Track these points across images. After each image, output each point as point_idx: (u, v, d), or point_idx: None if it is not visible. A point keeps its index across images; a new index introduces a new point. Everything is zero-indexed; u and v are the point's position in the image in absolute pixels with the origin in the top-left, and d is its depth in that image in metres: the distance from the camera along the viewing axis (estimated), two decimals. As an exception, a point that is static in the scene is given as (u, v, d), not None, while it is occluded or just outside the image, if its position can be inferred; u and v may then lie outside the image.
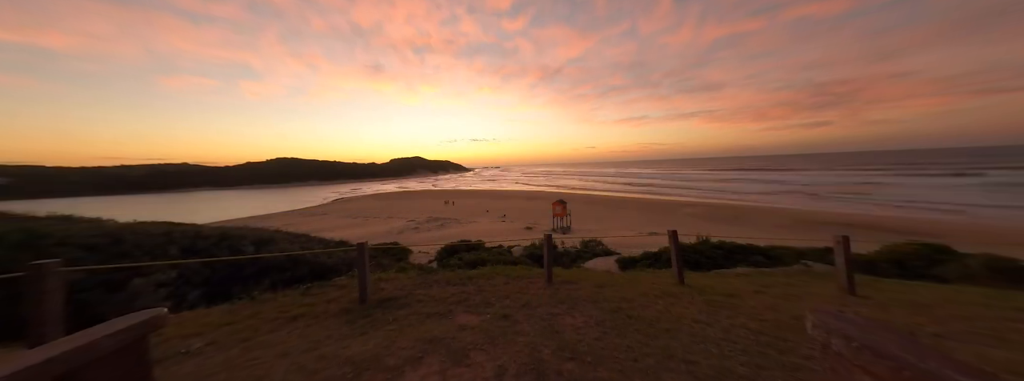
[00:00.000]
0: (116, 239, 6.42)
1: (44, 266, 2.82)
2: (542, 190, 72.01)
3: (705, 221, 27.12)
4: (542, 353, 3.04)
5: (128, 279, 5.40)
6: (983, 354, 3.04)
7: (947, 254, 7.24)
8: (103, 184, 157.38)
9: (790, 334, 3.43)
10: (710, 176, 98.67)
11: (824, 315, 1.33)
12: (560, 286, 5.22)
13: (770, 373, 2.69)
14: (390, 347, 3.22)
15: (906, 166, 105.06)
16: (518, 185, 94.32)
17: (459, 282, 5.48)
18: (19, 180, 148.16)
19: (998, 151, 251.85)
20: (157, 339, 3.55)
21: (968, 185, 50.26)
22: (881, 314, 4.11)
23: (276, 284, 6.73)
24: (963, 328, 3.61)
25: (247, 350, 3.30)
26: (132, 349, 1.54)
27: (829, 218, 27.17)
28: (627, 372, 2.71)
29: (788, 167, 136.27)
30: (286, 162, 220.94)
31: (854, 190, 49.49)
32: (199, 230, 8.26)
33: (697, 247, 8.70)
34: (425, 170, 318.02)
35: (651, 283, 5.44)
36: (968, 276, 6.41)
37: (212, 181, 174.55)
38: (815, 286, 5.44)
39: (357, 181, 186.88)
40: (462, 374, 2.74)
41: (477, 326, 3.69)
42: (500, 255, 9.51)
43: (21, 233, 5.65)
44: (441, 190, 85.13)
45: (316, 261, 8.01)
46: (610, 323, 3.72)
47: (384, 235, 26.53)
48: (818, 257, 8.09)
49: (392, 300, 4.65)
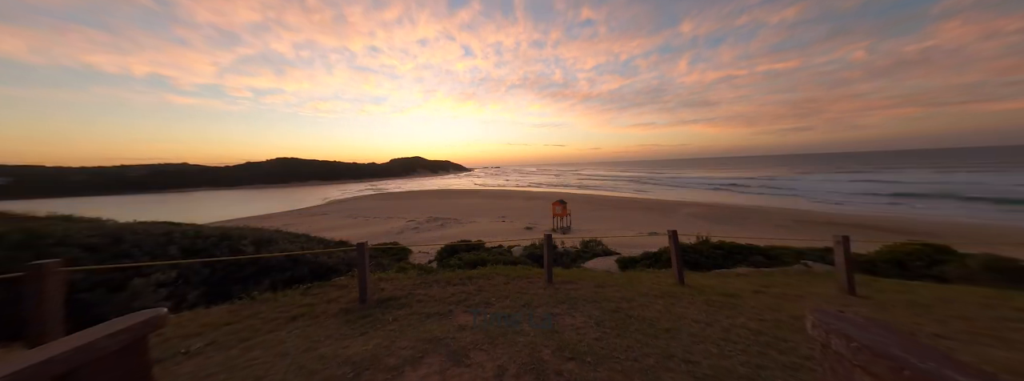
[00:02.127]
0: (116, 239, 6.42)
1: (44, 266, 2.82)
2: (542, 190, 71.97)
3: (705, 221, 27.11)
4: (542, 353, 3.04)
5: (128, 279, 5.40)
6: (983, 354, 3.04)
7: (947, 254, 7.24)
8: (103, 184, 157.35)
9: (790, 334, 3.43)
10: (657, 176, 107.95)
11: (824, 315, 1.33)
12: (560, 286, 5.22)
13: (770, 373, 2.69)
14: (390, 347, 3.22)
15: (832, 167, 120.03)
16: (517, 185, 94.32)
17: (459, 282, 5.47)
18: (19, 180, 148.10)
19: (945, 154, 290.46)
20: (157, 339, 3.55)
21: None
22: (881, 314, 4.11)
23: (276, 284, 6.72)
24: (963, 328, 3.62)
25: (247, 350, 3.30)
26: (132, 349, 1.54)
27: (829, 218, 27.16)
28: (627, 372, 2.71)
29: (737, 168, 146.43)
30: (286, 162, 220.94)
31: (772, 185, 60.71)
32: (199, 230, 8.25)
33: (697, 247, 8.70)
34: (425, 170, 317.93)
35: (651, 283, 5.44)
36: (968, 276, 6.41)
37: (212, 181, 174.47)
38: (815, 286, 5.44)
39: (357, 181, 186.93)
40: (462, 374, 2.74)
41: (477, 326, 3.69)
42: (500, 255, 9.50)
43: (21, 233, 5.64)
44: (441, 190, 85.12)
45: (316, 261, 8.00)
46: (610, 323, 3.72)
47: (384, 235, 26.52)
48: (818, 257, 8.09)
49: (392, 300, 4.65)
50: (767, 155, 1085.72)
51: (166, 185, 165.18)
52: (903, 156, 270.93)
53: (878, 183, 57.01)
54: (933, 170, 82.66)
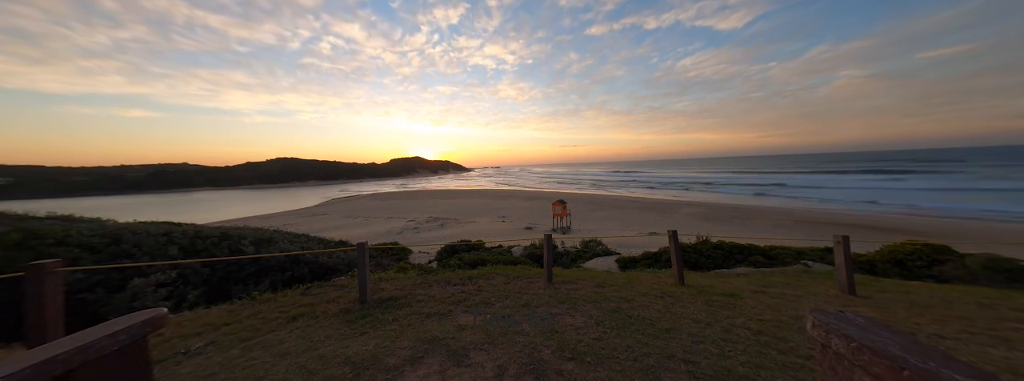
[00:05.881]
0: (116, 239, 6.42)
1: (44, 266, 2.82)
2: (542, 190, 71.97)
3: (705, 221, 27.10)
4: (542, 353, 3.04)
5: (128, 279, 5.40)
6: (983, 354, 3.04)
7: (947, 254, 7.24)
8: (103, 184, 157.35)
9: (790, 334, 3.44)
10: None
11: (824, 315, 1.33)
12: (560, 286, 5.22)
13: (770, 373, 2.69)
14: (390, 347, 3.22)
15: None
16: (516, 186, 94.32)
17: (459, 282, 5.47)
18: (19, 180, 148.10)
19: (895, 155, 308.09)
20: (157, 339, 3.55)
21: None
22: (881, 314, 4.11)
23: (276, 284, 6.73)
24: (963, 328, 3.62)
25: (247, 350, 3.30)
26: (132, 349, 1.54)
27: (829, 218, 27.15)
28: (627, 372, 2.71)
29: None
30: (286, 162, 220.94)
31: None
32: (199, 230, 8.25)
33: (697, 247, 8.70)
34: (425, 170, 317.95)
35: (651, 283, 5.44)
36: (968, 276, 6.41)
37: (212, 181, 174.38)
38: (815, 286, 5.44)
39: (358, 181, 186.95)
40: (462, 374, 2.73)
41: (477, 326, 3.69)
42: (500, 255, 9.50)
43: (20, 233, 5.64)
44: (441, 190, 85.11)
45: (316, 261, 8.01)
46: (610, 323, 3.72)
47: (384, 235, 26.50)
48: (818, 257, 8.09)
49: (392, 300, 4.65)
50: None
51: (166, 185, 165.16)
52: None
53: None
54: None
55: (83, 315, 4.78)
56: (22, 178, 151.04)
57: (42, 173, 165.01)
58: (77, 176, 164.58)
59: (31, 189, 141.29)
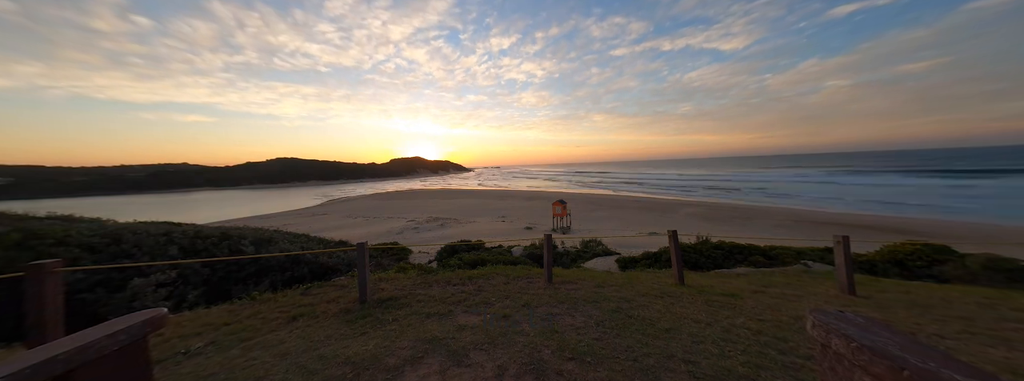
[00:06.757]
0: (116, 239, 6.42)
1: (44, 266, 2.82)
2: (542, 190, 71.96)
3: (705, 221, 27.10)
4: (542, 353, 3.04)
5: (128, 279, 5.40)
6: (983, 354, 3.04)
7: (947, 254, 7.24)
8: (103, 184, 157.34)
9: (790, 334, 3.43)
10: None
11: (824, 315, 1.33)
12: (560, 286, 5.22)
13: (770, 373, 2.69)
14: (390, 347, 3.22)
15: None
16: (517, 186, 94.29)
17: (459, 282, 5.47)
18: (19, 180, 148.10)
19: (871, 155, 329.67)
20: (157, 339, 3.55)
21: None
22: (881, 314, 4.11)
23: (276, 284, 6.73)
24: (963, 328, 3.61)
25: (247, 350, 3.30)
26: (132, 349, 1.54)
27: (829, 218, 27.15)
28: (627, 372, 2.71)
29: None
30: (286, 162, 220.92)
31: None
32: (199, 230, 8.25)
33: (697, 247, 8.69)
34: (426, 170, 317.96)
35: (651, 283, 5.44)
36: (968, 276, 6.41)
37: (212, 181, 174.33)
38: (815, 286, 5.43)
39: (358, 181, 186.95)
40: (462, 374, 2.73)
41: (477, 326, 3.69)
42: (500, 255, 9.50)
43: (20, 233, 5.64)
44: (441, 190, 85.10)
45: (316, 261, 8.01)
46: (610, 323, 3.72)
47: (384, 235, 26.50)
48: (818, 257, 8.09)
49: (392, 300, 4.65)
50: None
51: (166, 185, 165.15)
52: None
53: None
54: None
55: (83, 315, 4.78)
56: (22, 178, 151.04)
57: (42, 173, 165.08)
58: (77, 176, 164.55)
59: (31, 189, 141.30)
